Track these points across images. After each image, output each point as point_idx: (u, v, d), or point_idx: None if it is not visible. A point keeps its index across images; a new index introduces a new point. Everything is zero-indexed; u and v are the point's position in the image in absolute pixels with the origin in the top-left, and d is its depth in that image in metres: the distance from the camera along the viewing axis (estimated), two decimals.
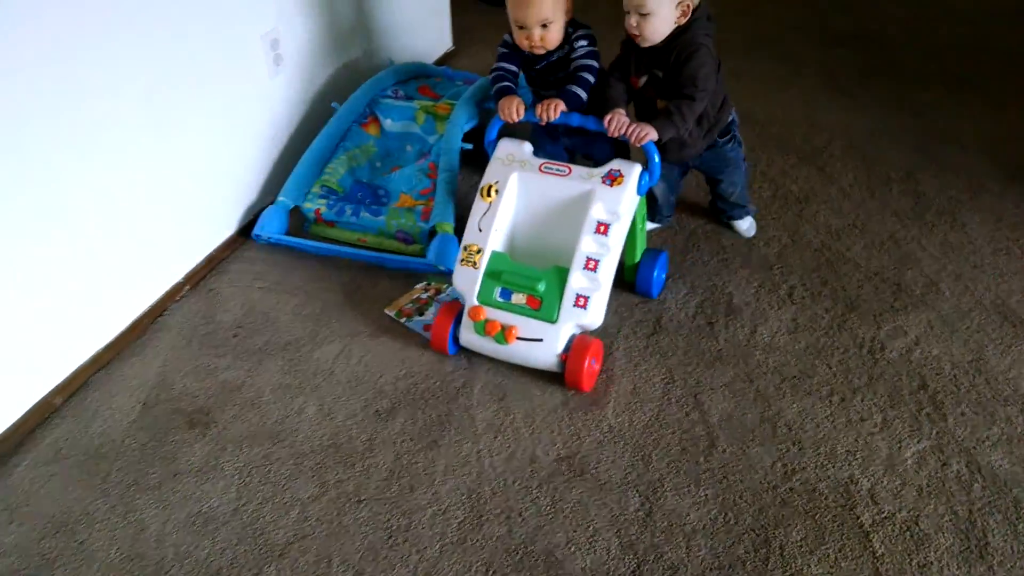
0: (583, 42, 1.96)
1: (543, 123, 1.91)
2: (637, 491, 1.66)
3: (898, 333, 1.98)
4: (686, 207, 2.41)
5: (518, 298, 1.87)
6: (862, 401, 1.82)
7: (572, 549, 1.56)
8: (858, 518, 1.59)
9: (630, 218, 1.90)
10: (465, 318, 1.90)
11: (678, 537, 1.58)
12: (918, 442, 1.73)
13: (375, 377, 1.91)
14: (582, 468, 1.71)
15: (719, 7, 1.86)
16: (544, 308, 1.85)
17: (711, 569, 1.52)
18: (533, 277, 1.86)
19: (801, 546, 1.55)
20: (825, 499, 1.63)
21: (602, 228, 1.85)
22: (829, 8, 3.75)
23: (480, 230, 1.93)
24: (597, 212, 1.86)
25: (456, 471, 1.70)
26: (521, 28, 1.92)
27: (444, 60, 3.26)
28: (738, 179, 2.19)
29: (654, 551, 1.55)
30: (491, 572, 1.53)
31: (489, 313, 1.88)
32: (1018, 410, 1.78)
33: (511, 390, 1.88)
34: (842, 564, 1.52)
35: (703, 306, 2.09)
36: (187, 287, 2.19)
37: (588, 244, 1.85)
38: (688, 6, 1.85)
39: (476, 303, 1.89)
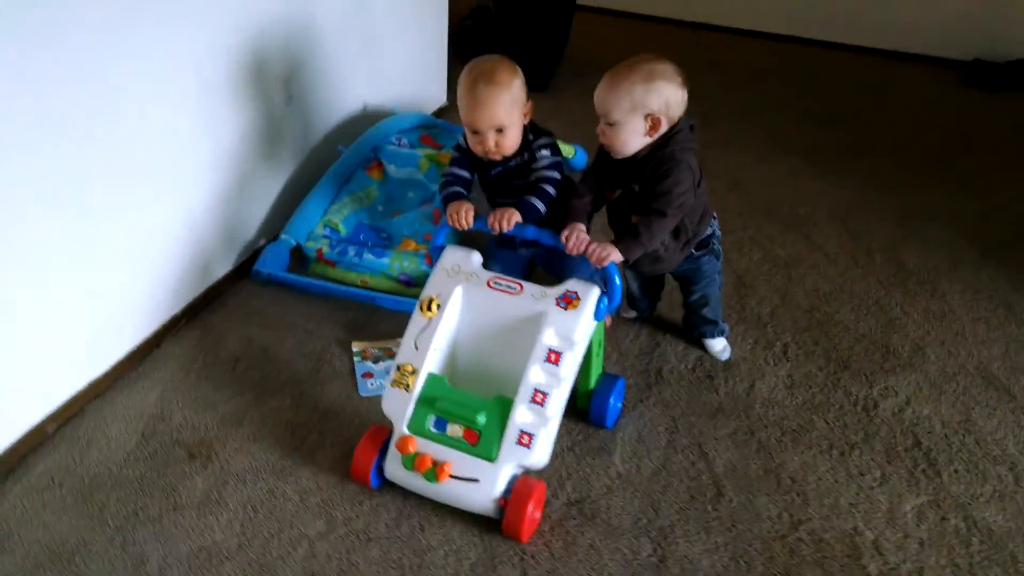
0: (546, 151, 1.80)
1: (495, 233, 1.73)
2: (649, 537, 1.67)
3: (889, 393, 2.05)
4: None
5: (454, 430, 1.64)
6: (860, 456, 1.87)
7: None
8: (865, 568, 1.62)
9: (585, 346, 1.69)
10: (392, 448, 1.67)
11: None
12: (916, 496, 1.77)
13: (382, 415, 1.89)
14: (593, 513, 1.71)
15: (708, 84, 1.81)
16: (482, 443, 1.62)
17: None
18: (473, 407, 1.64)
19: None
20: (832, 549, 1.65)
21: (553, 357, 1.64)
22: (809, 91, 3.93)
23: (416, 348, 1.71)
24: (548, 338, 1.66)
25: (467, 513, 1.68)
26: (475, 133, 1.76)
27: (439, 114, 3.33)
28: (711, 293, 2.04)
29: None
30: None
31: (420, 445, 1.64)
32: (1007, 469, 1.85)
33: None
34: None
35: (702, 360, 2.13)
36: (184, 320, 2.16)
37: (536, 374, 1.64)
38: (658, 120, 1.70)
39: (406, 432, 1.66)
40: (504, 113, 1.71)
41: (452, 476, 1.61)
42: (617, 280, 1.71)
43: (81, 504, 1.68)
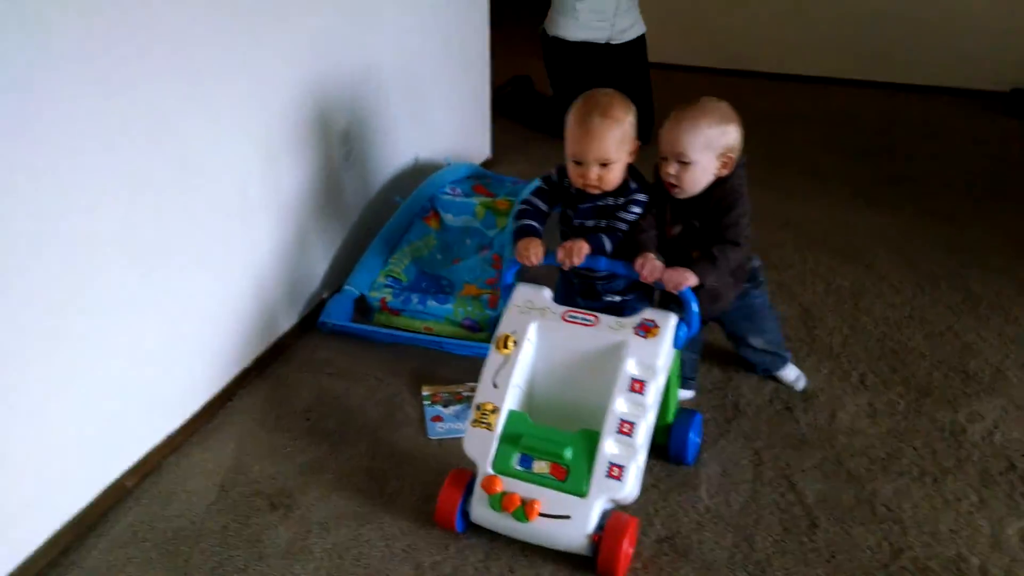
0: (637, 209, 1.78)
1: (566, 267, 1.72)
2: (746, 571, 1.61)
3: (975, 417, 2.00)
4: None
5: (540, 466, 1.61)
6: (954, 481, 1.81)
7: None
8: None
9: (667, 374, 1.68)
10: (477, 489, 1.63)
11: None
12: (1019, 520, 1.71)
13: (461, 455, 1.86)
14: (685, 549, 1.66)
15: (745, 128, 1.78)
16: (572, 479, 1.58)
17: None
18: (559, 442, 1.61)
19: None
20: None
21: (637, 386, 1.62)
22: (846, 130, 3.94)
23: (495, 386, 1.68)
24: (631, 367, 1.64)
25: (556, 553, 1.64)
26: (578, 164, 1.73)
27: (486, 166, 3.37)
28: (769, 326, 2.04)
29: None
30: None
31: (507, 484, 1.61)
32: None
33: None
34: None
35: (777, 392, 2.09)
36: (255, 373, 2.17)
37: (622, 404, 1.61)
38: (731, 158, 1.74)
39: (491, 472, 1.63)
40: (613, 148, 1.70)
41: (542, 514, 1.57)
42: (695, 306, 1.69)
43: (165, 557, 1.66)
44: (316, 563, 1.64)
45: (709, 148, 1.71)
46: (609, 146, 1.69)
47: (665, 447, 1.85)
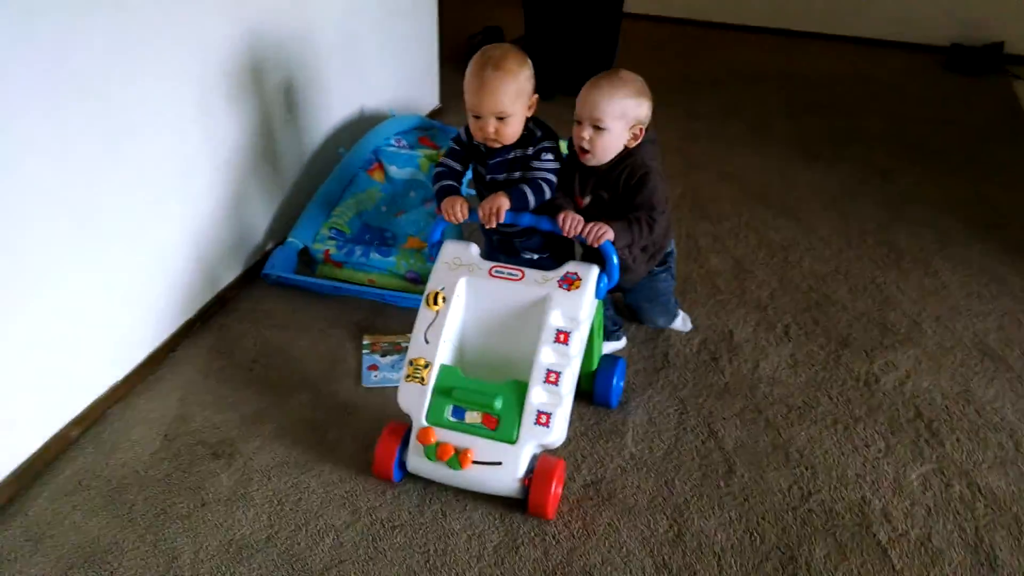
0: (549, 156, 1.80)
1: (488, 226, 1.74)
2: (665, 514, 1.72)
3: (890, 368, 2.11)
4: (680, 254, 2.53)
5: (472, 417, 1.68)
6: (864, 429, 1.93)
7: (609, 570, 1.60)
8: (875, 536, 1.67)
9: (589, 324, 1.75)
10: (413, 441, 1.71)
11: (708, 556, 1.63)
12: (921, 465, 1.83)
13: (398, 411, 1.93)
14: (610, 493, 1.76)
15: (692, 80, 1.83)
16: (502, 427, 1.67)
17: None
18: (489, 393, 1.68)
19: (825, 563, 1.62)
20: (842, 519, 1.71)
21: (562, 337, 1.70)
22: (790, 83, 4.01)
23: (427, 342, 1.75)
24: (556, 319, 1.71)
25: (487, 497, 1.73)
26: (476, 117, 1.76)
27: (432, 116, 3.38)
28: (669, 308, 2.12)
29: (688, 570, 1.60)
30: None
31: (440, 435, 1.69)
32: (1007, 436, 1.91)
33: None
34: None
35: (706, 343, 2.19)
36: (198, 324, 2.20)
37: (548, 355, 1.69)
38: (641, 131, 1.77)
39: (425, 424, 1.70)
40: (508, 101, 1.71)
41: (475, 462, 1.66)
42: (615, 259, 1.74)
43: (110, 505, 1.71)
44: (256, 510, 1.71)
45: (623, 117, 1.74)
46: (503, 99, 1.70)
47: (591, 393, 1.95)
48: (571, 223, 1.72)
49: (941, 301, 2.36)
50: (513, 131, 1.77)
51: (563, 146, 1.97)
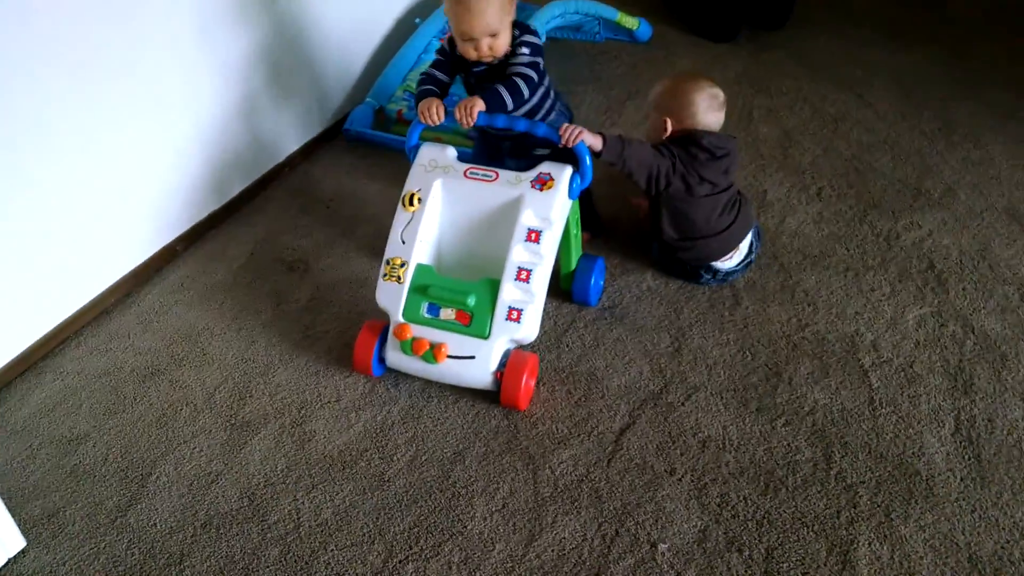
0: (526, 49, 1.80)
1: (464, 126, 1.76)
2: (668, 333, 1.93)
3: (913, 227, 2.21)
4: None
5: (447, 313, 1.76)
6: (874, 276, 2.06)
7: (610, 372, 1.85)
8: (859, 361, 1.84)
9: (562, 224, 1.79)
10: (390, 336, 1.80)
11: (701, 367, 1.85)
12: (920, 308, 1.96)
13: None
14: (622, 316, 1.99)
15: None
16: (475, 323, 1.74)
17: (727, 391, 1.79)
18: (462, 291, 1.75)
19: (807, 379, 1.81)
20: (832, 346, 1.88)
21: (533, 236, 1.75)
22: None
23: (403, 242, 1.81)
24: (527, 219, 1.76)
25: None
26: (468, 40, 1.77)
27: None
28: None
29: (679, 376, 1.83)
30: (540, 384, 1.82)
31: (416, 331, 1.76)
32: (1015, 289, 2.00)
33: None
34: (842, 393, 1.77)
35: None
36: (287, 169, 2.53)
37: (519, 253, 1.75)
38: None
39: (402, 320, 1.78)
40: (496, 17, 1.73)
41: (449, 356, 1.74)
42: (588, 159, 1.79)
43: (205, 301, 2.09)
44: (322, 313, 2.04)
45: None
46: (493, 18, 1.72)
47: (569, 292, 2.01)
48: (571, 133, 1.76)
49: (982, 171, 2.40)
50: (505, 43, 1.79)
51: (630, 21, 1.97)
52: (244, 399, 1.83)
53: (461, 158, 1.89)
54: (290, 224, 2.33)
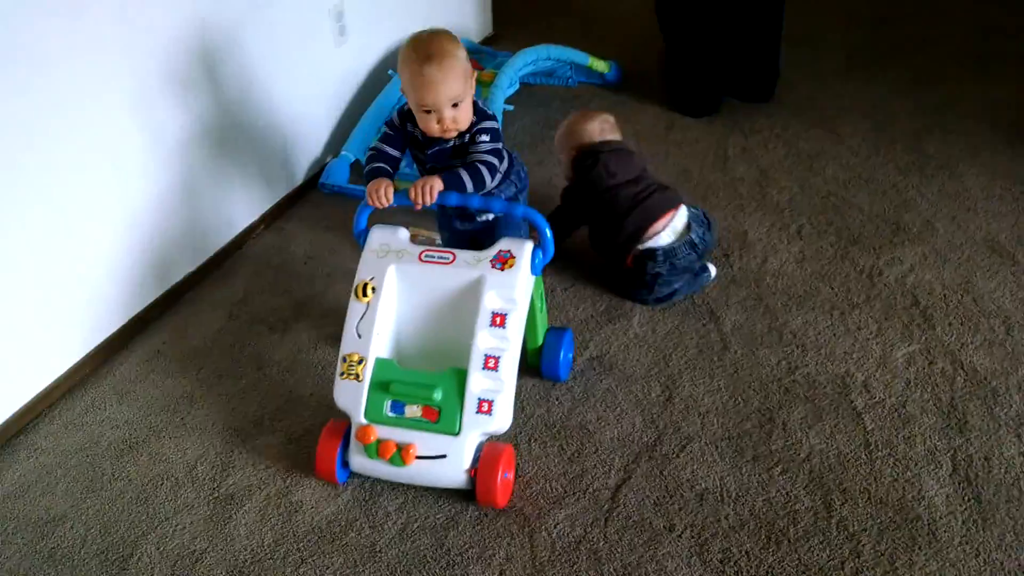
0: (486, 137, 1.72)
1: (417, 207, 1.64)
2: (659, 382, 1.91)
3: (895, 262, 2.21)
4: (694, 164, 2.66)
5: (412, 411, 1.62)
6: (860, 314, 2.05)
7: (602, 424, 1.82)
8: (852, 403, 1.82)
9: (527, 303, 1.69)
10: (353, 440, 1.65)
11: (693, 416, 1.82)
12: (908, 345, 1.96)
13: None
14: (611, 365, 1.96)
15: None
16: (443, 419, 1.61)
17: (722, 439, 1.76)
18: (427, 384, 1.62)
19: (801, 423, 1.79)
20: (824, 388, 1.86)
21: (498, 319, 1.63)
22: None
23: (359, 336, 1.68)
24: (491, 302, 1.65)
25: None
26: (428, 112, 1.66)
27: (486, 43, 3.55)
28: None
29: (673, 426, 1.80)
30: (532, 441, 1.79)
31: (381, 432, 1.62)
32: (1000, 322, 2.00)
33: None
34: (837, 437, 1.75)
35: (720, 242, 2.33)
36: (262, 227, 2.49)
37: (485, 339, 1.63)
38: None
39: (364, 421, 1.64)
40: (459, 85, 1.64)
41: (419, 457, 1.61)
42: (548, 232, 1.71)
43: (183, 368, 2.03)
44: (304, 374, 1.99)
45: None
46: (456, 84, 1.63)
47: (537, 369, 1.91)
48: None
49: (959, 203, 2.42)
50: (467, 114, 1.70)
51: (600, 64, 2.02)
52: (227, 470, 1.78)
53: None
54: (268, 283, 2.28)
